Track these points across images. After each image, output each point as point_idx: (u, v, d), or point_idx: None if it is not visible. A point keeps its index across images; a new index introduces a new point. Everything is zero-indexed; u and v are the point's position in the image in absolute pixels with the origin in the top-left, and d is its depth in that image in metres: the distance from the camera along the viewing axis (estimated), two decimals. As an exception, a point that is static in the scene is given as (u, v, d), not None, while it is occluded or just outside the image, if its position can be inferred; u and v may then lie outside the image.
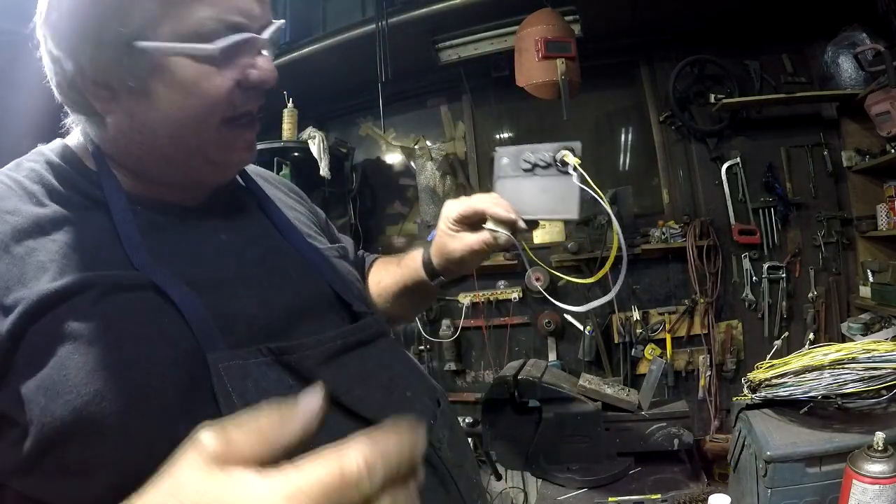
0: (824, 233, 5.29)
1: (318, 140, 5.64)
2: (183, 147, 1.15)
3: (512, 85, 4.95)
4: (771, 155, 5.42)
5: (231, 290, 1.15)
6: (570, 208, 1.65)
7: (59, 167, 1.15)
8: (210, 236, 1.22)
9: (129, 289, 1.02)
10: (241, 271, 1.20)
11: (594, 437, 2.96)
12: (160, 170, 1.20)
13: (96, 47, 1.05)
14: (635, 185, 5.82)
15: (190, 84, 1.09)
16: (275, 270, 1.26)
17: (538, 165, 1.68)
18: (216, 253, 1.20)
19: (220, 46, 1.07)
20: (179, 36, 1.06)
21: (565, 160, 1.64)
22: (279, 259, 1.31)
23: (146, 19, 1.03)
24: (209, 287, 1.11)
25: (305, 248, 1.39)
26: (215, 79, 1.10)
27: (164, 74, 1.08)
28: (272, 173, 1.70)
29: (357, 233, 6.30)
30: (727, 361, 5.38)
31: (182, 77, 1.08)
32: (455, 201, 1.69)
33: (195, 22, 1.06)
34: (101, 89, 1.10)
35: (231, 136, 1.19)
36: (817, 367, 2.03)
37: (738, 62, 5.46)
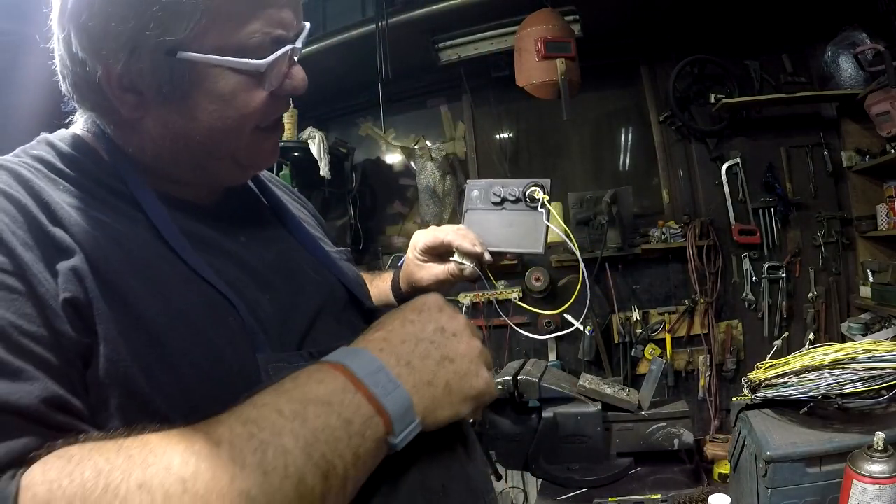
0: (824, 233, 5.30)
1: (318, 140, 5.63)
2: (214, 153, 1.16)
3: (512, 85, 4.96)
4: (771, 155, 5.43)
5: (258, 291, 1.16)
6: (535, 243, 1.68)
7: (72, 156, 1.13)
8: (231, 239, 1.22)
9: (190, 280, 1.05)
10: (264, 275, 1.21)
11: (594, 437, 2.96)
12: (184, 171, 1.19)
13: (132, 53, 1.03)
14: (635, 185, 5.82)
15: (229, 96, 1.08)
16: (294, 273, 1.27)
17: (507, 199, 1.72)
18: (241, 256, 1.20)
19: (267, 62, 1.07)
20: (224, 48, 1.05)
21: (534, 196, 1.68)
22: (296, 262, 1.32)
23: (192, 30, 1.02)
24: (242, 290, 1.12)
25: (318, 249, 1.41)
26: (254, 91, 1.10)
27: (204, 85, 1.07)
28: (276, 176, 1.70)
29: (357, 233, 6.30)
30: (727, 361, 5.39)
31: (223, 89, 1.08)
32: (423, 231, 1.73)
33: (243, 35, 1.05)
34: (128, 94, 1.08)
35: (260, 140, 1.20)
36: (817, 367, 2.03)
37: (738, 62, 5.47)
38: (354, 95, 6.35)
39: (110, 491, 0.74)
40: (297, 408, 0.87)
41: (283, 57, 1.11)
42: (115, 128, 1.15)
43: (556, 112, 4.90)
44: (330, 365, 0.95)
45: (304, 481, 0.82)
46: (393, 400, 0.93)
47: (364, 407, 0.91)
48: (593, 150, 6.12)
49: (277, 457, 0.81)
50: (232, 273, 1.14)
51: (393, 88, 5.58)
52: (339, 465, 0.86)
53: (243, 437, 0.82)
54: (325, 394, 0.90)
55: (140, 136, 1.14)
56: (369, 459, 0.92)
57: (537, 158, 6.16)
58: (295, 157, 5.68)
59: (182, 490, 0.76)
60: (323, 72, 5.63)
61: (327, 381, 0.92)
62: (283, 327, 1.14)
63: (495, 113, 6.18)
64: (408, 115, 6.55)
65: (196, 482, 0.77)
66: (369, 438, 0.90)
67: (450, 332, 1.08)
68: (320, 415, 0.87)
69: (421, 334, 1.06)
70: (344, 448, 0.87)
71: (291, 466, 0.82)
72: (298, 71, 1.17)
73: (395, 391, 0.95)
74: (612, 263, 5.54)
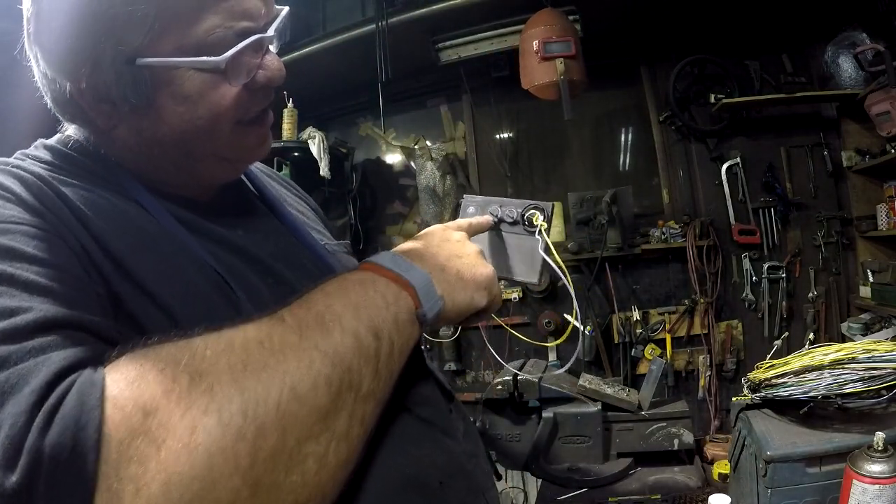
0: (824, 233, 5.29)
1: (317, 140, 5.64)
2: (193, 154, 1.15)
3: (512, 85, 4.97)
4: (771, 155, 5.43)
5: (258, 279, 1.16)
6: (530, 272, 1.59)
7: (69, 156, 1.15)
8: (228, 231, 1.22)
9: (198, 265, 1.08)
10: (266, 261, 1.21)
11: (594, 437, 2.97)
12: (169, 175, 1.19)
13: (94, 66, 1.03)
14: (635, 185, 5.82)
15: (196, 96, 1.07)
16: (292, 265, 1.27)
17: (504, 221, 1.61)
18: (238, 243, 1.20)
19: (226, 58, 1.05)
20: (184, 48, 1.04)
21: (533, 221, 1.57)
22: (294, 255, 1.32)
23: (147, 35, 1.01)
24: (242, 279, 1.12)
25: (314, 244, 1.41)
26: (222, 87, 1.08)
27: (169, 88, 1.06)
28: (274, 170, 1.70)
29: (357, 233, 6.31)
30: (727, 361, 5.39)
31: (189, 89, 1.07)
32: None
33: (201, 32, 1.03)
34: (102, 105, 1.08)
35: (243, 134, 1.18)
36: (817, 367, 2.03)
37: (738, 62, 5.46)
38: (354, 95, 6.34)
39: (197, 356, 0.80)
40: (338, 288, 0.99)
41: (249, 49, 1.09)
42: (96, 137, 1.16)
43: (556, 112, 4.90)
44: (362, 264, 1.10)
45: (359, 337, 0.92)
46: (414, 276, 1.07)
47: (392, 285, 1.04)
48: (593, 149, 6.12)
49: (333, 319, 0.91)
50: (231, 261, 1.15)
51: (393, 88, 5.57)
52: (383, 328, 0.97)
53: (301, 310, 0.92)
54: (356, 278, 1.03)
55: (119, 145, 1.14)
56: (407, 328, 1.03)
57: (537, 158, 6.16)
58: (295, 156, 5.69)
59: (260, 348, 0.83)
60: (323, 72, 5.64)
61: (357, 272, 1.06)
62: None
63: (495, 113, 6.17)
64: (408, 115, 6.54)
65: (272, 340, 0.85)
66: (403, 308, 1.02)
67: (455, 240, 1.27)
68: (359, 291, 0.99)
69: (428, 244, 1.22)
70: (385, 314, 0.99)
71: (347, 324, 0.92)
72: (273, 60, 1.15)
73: (414, 269, 1.09)
74: (612, 263, 5.54)
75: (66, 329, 0.82)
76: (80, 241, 0.95)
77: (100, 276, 0.94)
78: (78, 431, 0.70)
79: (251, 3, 1.09)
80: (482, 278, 1.21)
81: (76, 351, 0.79)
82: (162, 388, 0.75)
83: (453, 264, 1.18)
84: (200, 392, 0.76)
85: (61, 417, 0.71)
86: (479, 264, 1.23)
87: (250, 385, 0.79)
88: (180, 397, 0.75)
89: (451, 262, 1.18)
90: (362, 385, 0.91)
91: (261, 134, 1.23)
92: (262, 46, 1.13)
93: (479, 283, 1.20)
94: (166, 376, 0.76)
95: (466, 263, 1.20)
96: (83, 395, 0.73)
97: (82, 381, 0.75)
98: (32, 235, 0.90)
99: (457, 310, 1.16)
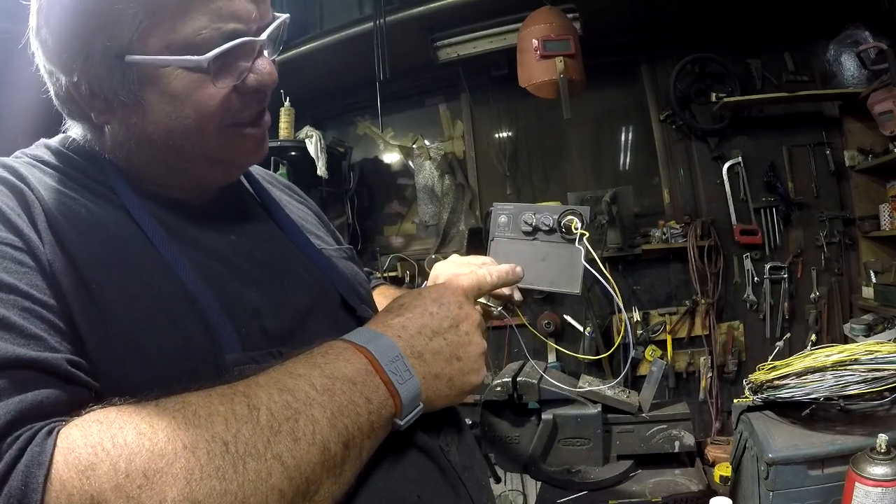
0: (826, 233, 5.29)
1: (315, 139, 5.65)
2: (183, 154, 1.15)
3: (511, 84, 4.97)
4: (773, 154, 5.42)
5: (243, 290, 1.16)
6: (571, 281, 1.56)
7: (64, 154, 1.18)
8: (219, 237, 1.23)
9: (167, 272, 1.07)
10: (252, 272, 1.21)
11: (594, 439, 2.96)
12: (161, 175, 1.20)
13: (86, 62, 1.06)
14: (636, 184, 5.84)
15: (183, 95, 1.09)
16: (284, 272, 1.28)
17: (540, 229, 1.59)
18: (227, 253, 1.21)
19: (208, 57, 1.06)
20: (171, 47, 1.05)
21: (570, 227, 1.54)
22: (288, 261, 1.32)
23: (135, 32, 1.03)
24: (223, 287, 1.13)
25: (312, 250, 1.40)
26: (209, 88, 1.09)
27: (157, 86, 1.08)
28: (275, 174, 1.70)
29: (355, 232, 6.32)
30: (728, 363, 5.39)
31: (176, 88, 1.08)
32: (444, 265, 1.64)
33: (189, 32, 1.05)
34: (96, 100, 1.10)
35: (237, 136, 1.19)
36: (819, 369, 2.03)
37: (739, 60, 5.47)
38: (352, 94, 6.34)
39: (156, 453, 0.80)
40: (326, 382, 0.97)
41: (238, 51, 1.10)
42: (92, 134, 1.18)
43: (555, 111, 4.90)
44: (355, 347, 1.05)
45: (328, 448, 0.92)
46: (406, 388, 1.05)
47: (382, 390, 1.02)
48: (593, 149, 6.13)
49: (307, 425, 0.91)
50: (214, 268, 1.15)
51: (391, 87, 5.57)
52: (357, 436, 0.97)
53: (280, 405, 0.91)
54: (351, 373, 1.00)
55: (112, 142, 1.16)
56: (381, 433, 1.03)
57: (537, 158, 6.16)
58: (292, 156, 5.70)
59: (224, 451, 0.83)
60: (320, 70, 5.65)
61: (353, 361, 1.02)
62: (267, 324, 1.15)
63: (494, 112, 6.18)
64: (406, 114, 6.55)
65: (237, 445, 0.84)
66: (383, 416, 1.02)
67: (463, 331, 1.18)
68: (345, 391, 0.97)
69: (437, 328, 1.15)
70: (363, 422, 0.98)
71: (318, 435, 0.91)
72: (264, 64, 1.15)
73: (409, 381, 1.06)
74: (613, 264, 5.54)
75: (25, 370, 0.83)
76: (50, 260, 0.97)
77: (64, 298, 0.95)
78: None
79: (240, 5, 1.10)
80: (469, 387, 1.18)
81: (32, 396, 0.82)
82: (112, 484, 0.77)
83: (449, 371, 1.14)
84: (150, 496, 0.77)
85: (7, 493, 0.74)
86: (474, 370, 1.19)
87: (201, 495, 0.79)
88: (129, 498, 0.77)
89: (449, 366, 1.14)
90: (319, 491, 0.92)
91: (256, 137, 1.23)
92: (253, 50, 1.14)
93: (464, 392, 1.18)
94: (119, 471, 0.78)
95: (462, 369, 1.16)
96: (30, 472, 0.76)
97: (31, 454, 0.77)
98: (3, 255, 0.93)
99: (430, 410, 1.14)
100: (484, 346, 1.22)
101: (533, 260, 1.58)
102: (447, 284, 1.25)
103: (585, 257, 1.52)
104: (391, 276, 6.01)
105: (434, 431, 1.22)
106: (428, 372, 1.10)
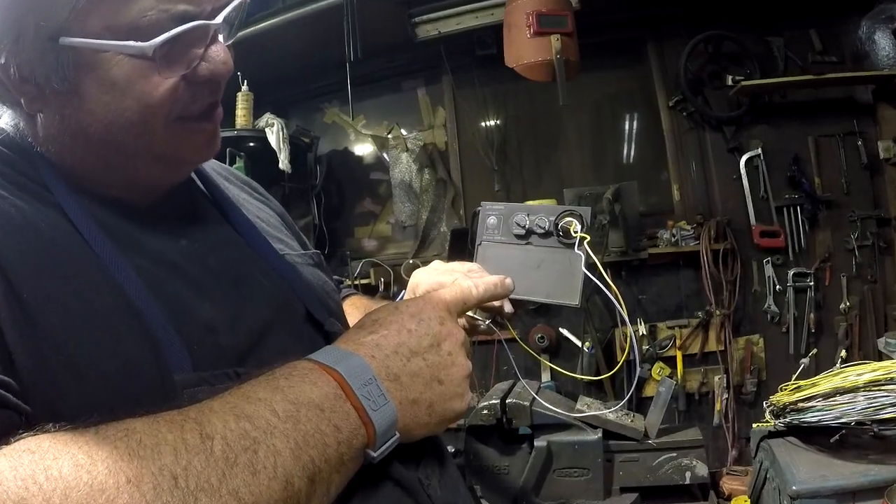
0: (858, 235, 5.31)
1: (276, 128, 5.63)
2: (123, 149, 1.14)
3: (500, 65, 4.96)
4: (797, 145, 5.44)
5: (195, 302, 1.14)
6: (569, 292, 1.53)
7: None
8: (168, 241, 1.21)
9: (110, 284, 1.04)
10: (205, 282, 1.20)
11: (594, 469, 2.97)
12: (99, 173, 1.18)
13: (16, 42, 1.04)
14: (641, 179, 5.84)
15: (124, 84, 1.07)
16: (241, 281, 1.26)
17: (534, 232, 1.57)
18: (177, 260, 1.19)
19: (153, 44, 1.04)
20: (114, 30, 1.03)
21: (569, 230, 1.52)
22: (245, 268, 1.31)
23: (71, 11, 1.01)
24: (172, 298, 1.11)
25: (273, 256, 1.39)
26: (153, 78, 1.08)
27: (94, 73, 1.06)
28: (231, 169, 1.69)
29: (322, 235, 6.31)
30: (746, 382, 5.40)
31: (116, 77, 1.06)
32: (424, 272, 1.62)
33: (133, 14, 1.03)
34: (27, 86, 1.08)
35: (185, 131, 1.18)
36: (850, 389, 2.04)
37: (759, 38, 5.49)
38: (319, 77, 6.36)
39: (95, 487, 0.77)
40: (290, 409, 0.93)
41: (188, 36, 1.09)
42: (25, 125, 1.16)
43: (550, 96, 4.91)
44: (323, 368, 1.01)
45: (291, 483, 0.89)
46: (380, 415, 1.01)
47: (353, 416, 0.98)
48: (593, 139, 6.14)
49: (268, 457, 0.88)
50: (162, 277, 1.13)
51: (363, 69, 5.57)
52: (325, 469, 0.93)
53: (236, 434, 0.87)
54: (317, 398, 0.96)
55: (45, 134, 1.14)
56: (352, 466, 1.00)
57: (529, 149, 6.16)
58: (250, 147, 5.68)
59: (173, 486, 0.80)
60: (283, 50, 5.62)
61: (320, 384, 0.99)
62: (222, 341, 1.13)
63: (480, 97, 6.18)
64: (380, 99, 6.55)
65: (188, 479, 0.81)
66: (354, 447, 0.98)
67: (445, 350, 1.16)
68: (311, 418, 0.94)
69: (416, 347, 1.13)
70: (332, 453, 0.95)
71: (280, 468, 0.88)
72: (218, 51, 1.14)
73: (384, 407, 1.03)
74: (615, 270, 5.55)
75: None
76: None
77: None
78: None
79: None
80: (452, 415, 1.17)
81: None
82: None
83: (429, 395, 1.12)
84: None
85: None
86: (457, 395, 1.17)
87: None
88: None
89: (429, 391, 1.12)
90: None
91: (208, 132, 1.23)
92: (206, 35, 1.12)
93: (446, 419, 1.16)
94: None
95: (444, 394, 1.15)
96: None
97: None
98: None
99: (407, 441, 1.12)
100: (469, 368, 1.20)
101: (526, 267, 1.57)
102: (428, 297, 1.23)
103: (585, 264, 1.50)
104: (363, 284, 6.01)
105: (412, 462, 1.20)
106: (405, 397, 1.08)
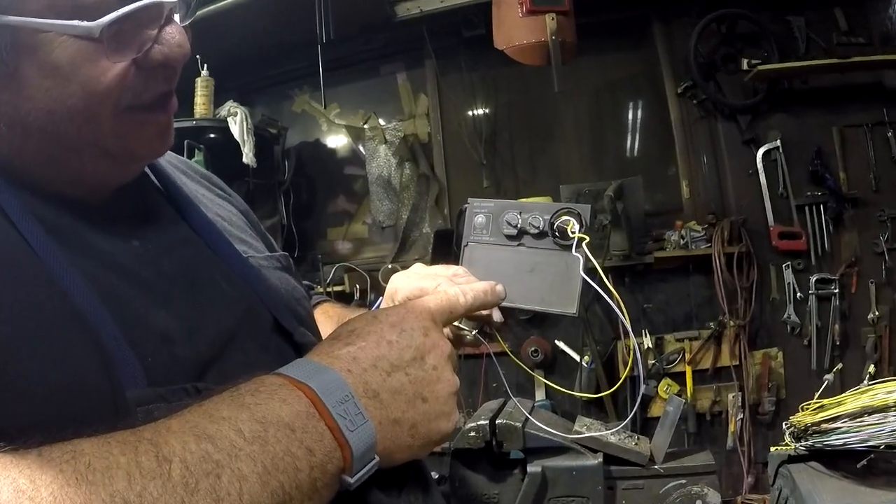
0: (888, 236, 5.32)
1: (239, 118, 5.62)
2: (65, 143, 1.12)
3: (489, 47, 4.97)
4: (820, 137, 5.45)
5: (149, 309, 1.13)
6: (566, 299, 1.51)
7: None
8: (119, 243, 1.20)
9: (53, 292, 1.01)
10: (161, 287, 1.18)
11: (593, 497, 2.96)
12: (39, 168, 1.16)
13: None
14: (646, 174, 5.82)
15: (68, 68, 1.05)
16: (200, 286, 1.25)
17: (527, 232, 1.55)
18: (129, 264, 1.17)
19: (101, 23, 1.02)
20: (57, 9, 1.01)
21: (565, 230, 1.50)
22: (205, 272, 1.30)
23: None
24: (123, 306, 1.09)
25: (236, 259, 1.39)
26: (101, 62, 1.06)
27: (35, 56, 1.04)
28: (190, 162, 1.68)
29: (290, 236, 6.31)
30: (764, 401, 5.40)
31: (58, 60, 1.04)
32: (403, 276, 1.62)
33: None
34: None
35: (136, 122, 1.16)
36: (880, 409, 2.03)
37: (777, 18, 5.50)
38: (287, 60, 6.36)
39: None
40: (257, 429, 0.92)
41: (139, 16, 1.07)
42: None
43: (545, 82, 4.91)
44: (293, 383, 1.00)
45: None
46: (357, 436, 1.00)
47: (327, 438, 0.97)
48: (592, 130, 6.16)
49: (232, 482, 0.86)
50: (112, 282, 1.12)
51: (336, 51, 5.60)
52: (296, 496, 0.92)
53: (197, 457, 0.86)
54: (287, 417, 0.95)
55: None
56: (326, 494, 0.98)
57: (521, 141, 6.18)
58: (210, 139, 5.68)
59: None
60: (247, 30, 5.62)
61: (290, 401, 0.97)
62: (179, 352, 1.12)
63: (467, 82, 6.19)
64: (355, 85, 6.58)
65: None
66: (329, 472, 0.97)
67: (429, 365, 1.15)
68: (281, 440, 0.93)
69: (397, 361, 1.12)
70: (304, 479, 0.93)
71: (246, 495, 0.86)
72: (173, 33, 1.13)
73: (362, 427, 1.01)
74: (617, 275, 5.56)
75: None
76: None
77: None
78: None
79: None
80: (438, 436, 1.17)
81: None
82: None
83: (412, 415, 1.11)
84: None
85: None
86: (443, 414, 1.17)
87: None
88: None
89: (412, 409, 1.12)
90: None
91: (160, 124, 1.21)
92: (160, 15, 1.10)
93: (431, 441, 1.16)
94: None
95: (429, 413, 1.14)
96: None
97: None
98: None
99: (388, 465, 1.10)
100: (456, 384, 1.19)
101: (518, 271, 1.55)
102: (410, 306, 1.22)
103: (584, 268, 1.48)
104: (336, 290, 6.02)
105: (394, 489, 1.20)
106: (385, 416, 1.07)
